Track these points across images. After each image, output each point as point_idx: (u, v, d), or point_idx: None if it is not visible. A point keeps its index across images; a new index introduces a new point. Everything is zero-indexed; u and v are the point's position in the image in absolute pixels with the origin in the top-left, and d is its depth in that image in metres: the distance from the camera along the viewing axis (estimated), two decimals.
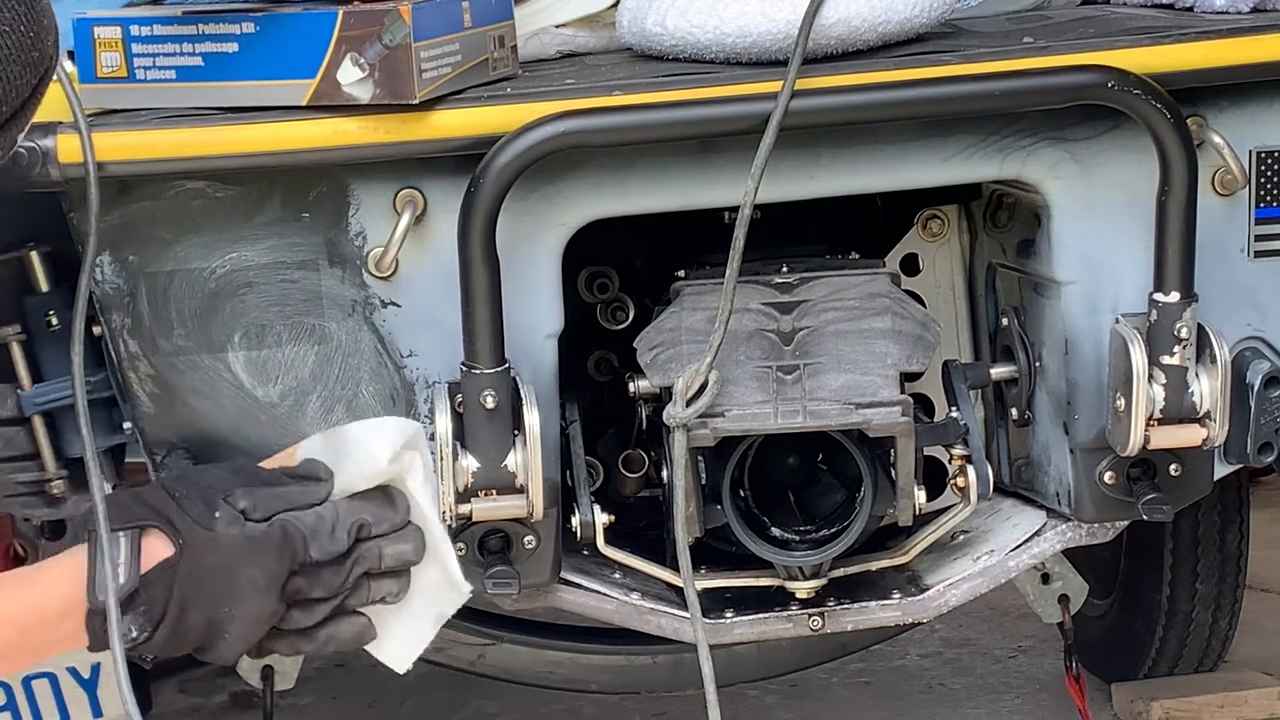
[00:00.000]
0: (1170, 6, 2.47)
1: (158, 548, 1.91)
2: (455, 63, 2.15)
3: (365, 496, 1.97)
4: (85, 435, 2.03)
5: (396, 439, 1.96)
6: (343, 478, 1.96)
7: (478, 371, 2.17)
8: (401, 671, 2.07)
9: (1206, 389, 2.26)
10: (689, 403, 2.21)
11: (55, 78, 1.69)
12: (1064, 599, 2.98)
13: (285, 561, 1.92)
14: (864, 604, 2.42)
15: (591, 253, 2.49)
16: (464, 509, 2.21)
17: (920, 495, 2.31)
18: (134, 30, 2.13)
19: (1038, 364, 2.45)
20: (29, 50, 1.60)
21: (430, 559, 2.00)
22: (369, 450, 1.96)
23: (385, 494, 1.97)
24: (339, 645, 2.03)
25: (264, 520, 1.92)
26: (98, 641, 1.93)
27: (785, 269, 2.41)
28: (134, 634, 1.92)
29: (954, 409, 2.40)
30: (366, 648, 2.05)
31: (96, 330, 2.24)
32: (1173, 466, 2.37)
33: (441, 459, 2.18)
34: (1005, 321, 2.51)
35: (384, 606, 2.00)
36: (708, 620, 2.37)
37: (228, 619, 1.92)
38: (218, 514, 1.91)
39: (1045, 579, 2.98)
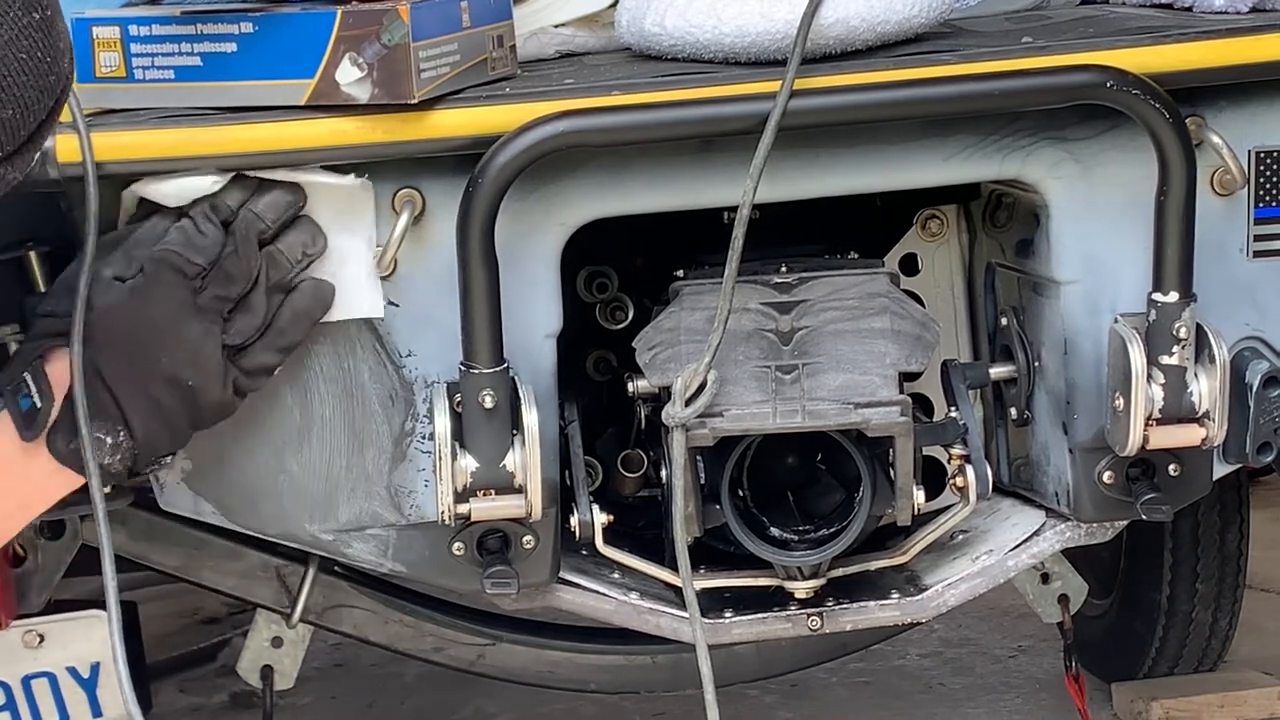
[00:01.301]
0: (1169, 6, 2.47)
1: (66, 361, 1.91)
2: (454, 62, 2.15)
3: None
4: (85, 435, 2.03)
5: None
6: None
7: (476, 371, 2.17)
8: (379, 315, 2.11)
9: (1205, 389, 2.26)
10: (688, 402, 2.21)
11: None
12: (1063, 599, 2.99)
13: (177, 284, 1.92)
14: (863, 604, 2.42)
15: (591, 253, 2.49)
16: (462, 509, 2.21)
17: (919, 495, 2.31)
18: (132, 30, 2.13)
19: (1037, 364, 2.45)
20: (46, 75, 1.60)
21: (322, 206, 2.00)
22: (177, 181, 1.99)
23: (224, 178, 1.97)
24: (309, 316, 2.04)
25: (139, 273, 1.91)
26: (70, 460, 1.91)
27: (784, 269, 2.41)
28: (109, 439, 1.92)
29: (953, 409, 2.40)
30: (336, 311, 2.05)
31: None
32: (1172, 466, 2.37)
33: (440, 459, 2.18)
34: (1004, 321, 2.51)
35: (322, 267, 1.99)
36: (706, 620, 2.37)
37: (174, 368, 1.91)
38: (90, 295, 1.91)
39: (1045, 579, 2.99)
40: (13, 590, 2.69)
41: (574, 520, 2.33)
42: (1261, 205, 2.34)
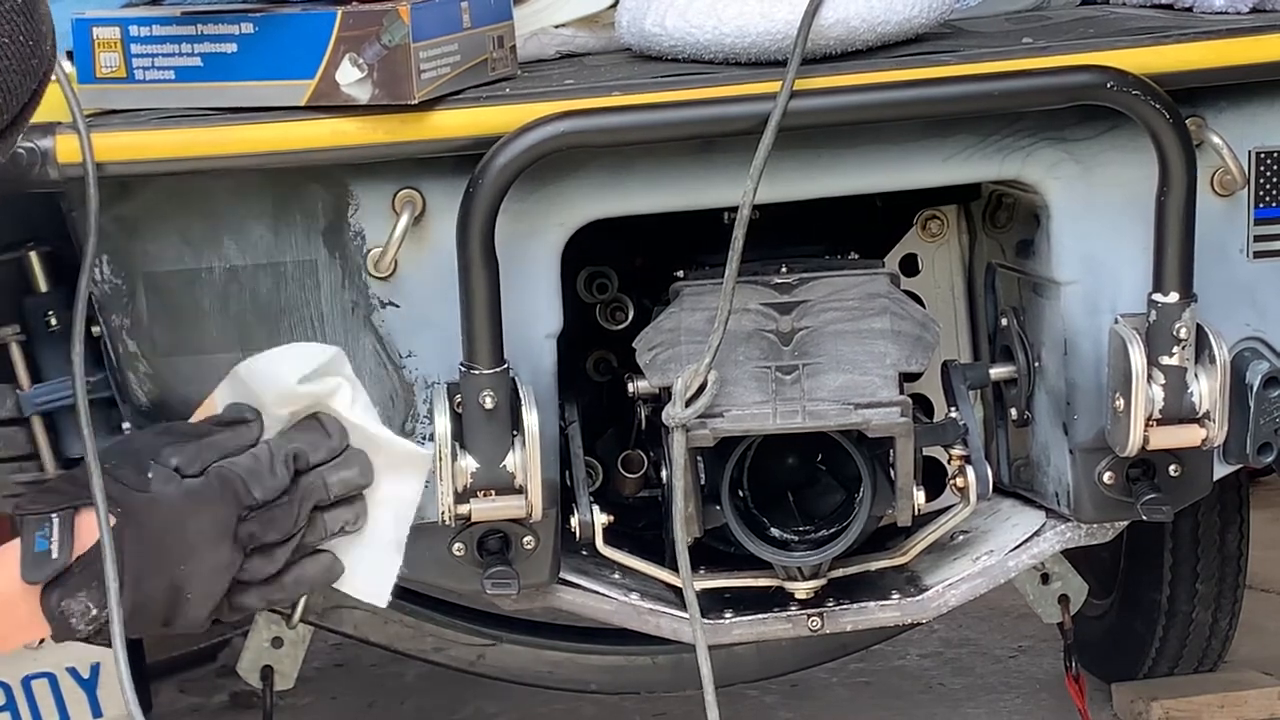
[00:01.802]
0: (1170, 6, 2.47)
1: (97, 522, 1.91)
2: (454, 63, 2.15)
3: (298, 428, 1.96)
4: (86, 435, 2.03)
5: (304, 362, 1.95)
6: (265, 414, 1.96)
7: (476, 372, 2.17)
8: (382, 605, 2.06)
9: (1206, 389, 2.26)
10: (688, 403, 2.21)
11: (54, 78, 1.69)
12: (1064, 599, 2.99)
13: (229, 508, 1.91)
14: (863, 604, 2.42)
15: (591, 253, 2.49)
16: (463, 509, 2.21)
17: (919, 495, 2.31)
18: (133, 30, 2.13)
19: (1037, 364, 2.45)
20: (29, 59, 1.60)
21: (383, 479, 2.00)
22: (276, 376, 1.96)
23: (316, 421, 1.97)
24: (309, 586, 2.02)
25: (199, 474, 1.92)
26: (57, 626, 1.92)
27: (784, 269, 2.41)
28: (93, 610, 1.92)
29: (953, 409, 2.40)
30: (340, 586, 2.04)
31: (95, 330, 2.24)
32: (1172, 467, 2.37)
33: (440, 459, 2.18)
34: (1004, 322, 2.51)
35: (345, 539, 1.99)
36: (707, 620, 2.37)
37: (185, 579, 1.91)
38: (150, 475, 1.91)
39: (1045, 579, 2.99)
40: None
41: (574, 521, 2.33)
42: (1262, 206, 2.34)
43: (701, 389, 2.22)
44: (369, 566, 2.03)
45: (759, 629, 2.42)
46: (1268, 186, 2.32)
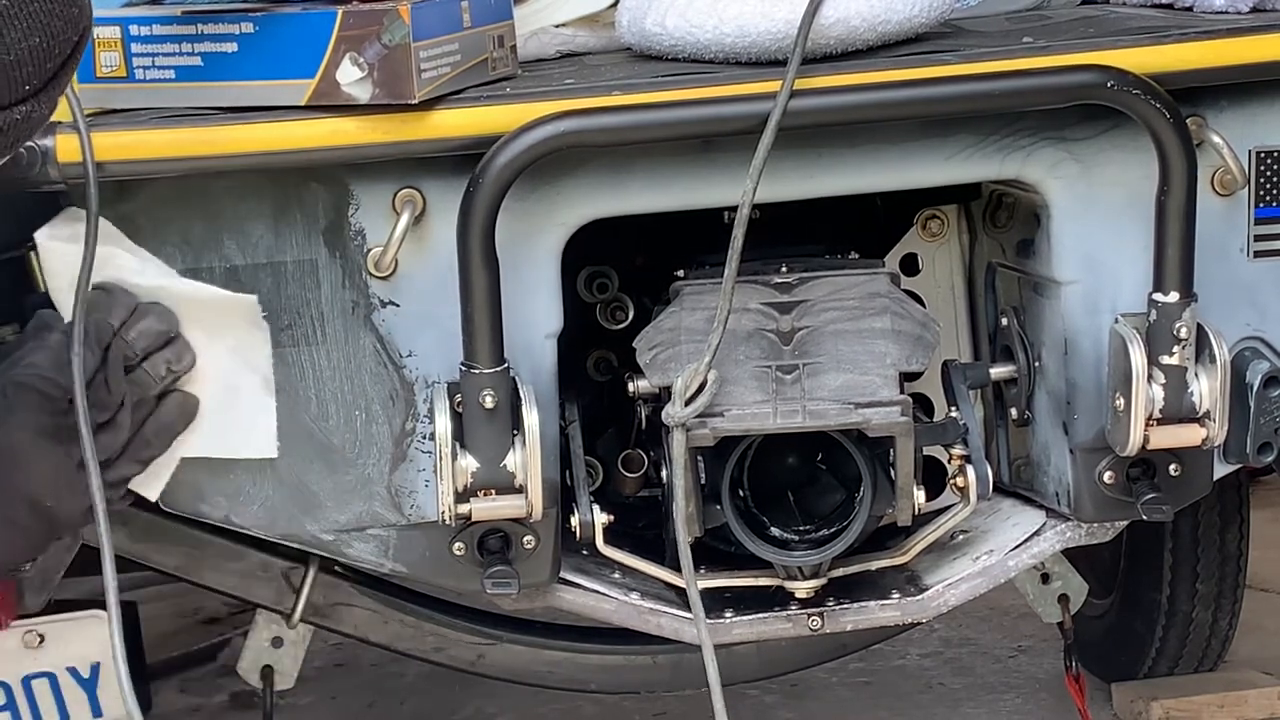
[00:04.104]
0: (1170, 6, 2.47)
1: None
2: (454, 62, 2.15)
3: (90, 304, 1.98)
4: (85, 435, 2.03)
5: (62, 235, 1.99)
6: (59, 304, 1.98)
7: (477, 371, 2.17)
8: (272, 454, 2.06)
9: (1206, 389, 2.26)
10: (688, 402, 2.21)
11: None
12: (1064, 599, 2.99)
13: (39, 408, 1.93)
14: (863, 604, 2.42)
15: (591, 252, 2.49)
16: (463, 509, 2.21)
17: (920, 495, 2.31)
18: (133, 30, 2.13)
19: (1037, 364, 2.45)
20: (69, 6, 1.61)
21: (215, 331, 2.00)
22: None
23: (102, 291, 1.98)
24: (174, 430, 2.06)
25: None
26: None
27: (784, 269, 2.41)
28: None
29: (953, 409, 2.40)
30: (225, 454, 2.03)
31: None
32: (1172, 466, 2.37)
33: (441, 459, 2.18)
34: (1005, 321, 2.51)
35: (211, 405, 1.99)
36: (707, 620, 2.37)
37: (35, 490, 1.93)
38: None
39: (1045, 579, 2.98)
40: (13, 590, 2.69)
41: (574, 520, 2.33)
42: (1262, 205, 2.34)
43: (701, 388, 2.22)
44: (242, 420, 2.03)
45: (759, 628, 2.42)
46: (1268, 186, 2.33)
